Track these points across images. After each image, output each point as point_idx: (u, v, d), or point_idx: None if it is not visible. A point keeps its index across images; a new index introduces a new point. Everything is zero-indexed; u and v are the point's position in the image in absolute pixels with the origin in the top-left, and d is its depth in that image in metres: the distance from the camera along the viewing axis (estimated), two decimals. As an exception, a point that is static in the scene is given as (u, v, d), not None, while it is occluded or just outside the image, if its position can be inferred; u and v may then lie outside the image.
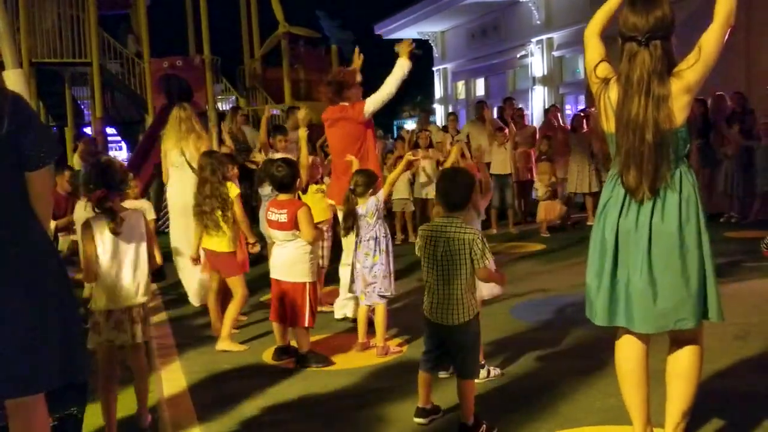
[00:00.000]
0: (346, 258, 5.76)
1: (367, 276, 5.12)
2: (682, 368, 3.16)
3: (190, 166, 6.61)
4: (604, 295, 3.11)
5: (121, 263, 3.69)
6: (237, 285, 5.46)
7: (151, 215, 6.20)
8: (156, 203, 10.15)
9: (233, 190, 5.51)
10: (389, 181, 5.41)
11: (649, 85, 2.98)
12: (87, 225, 3.73)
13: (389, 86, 5.79)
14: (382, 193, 5.29)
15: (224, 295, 5.70)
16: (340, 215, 5.68)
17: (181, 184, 6.69)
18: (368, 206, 5.15)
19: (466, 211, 3.78)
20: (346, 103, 5.88)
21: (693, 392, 3.17)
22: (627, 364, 3.20)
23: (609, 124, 3.13)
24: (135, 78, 15.55)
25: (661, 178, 2.99)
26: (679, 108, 2.99)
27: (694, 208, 3.02)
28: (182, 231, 6.60)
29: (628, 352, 3.19)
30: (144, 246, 3.75)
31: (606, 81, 3.13)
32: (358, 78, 6.01)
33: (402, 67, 5.79)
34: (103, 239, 3.67)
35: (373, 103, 5.78)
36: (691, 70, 2.98)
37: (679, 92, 2.98)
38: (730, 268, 7.09)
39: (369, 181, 5.18)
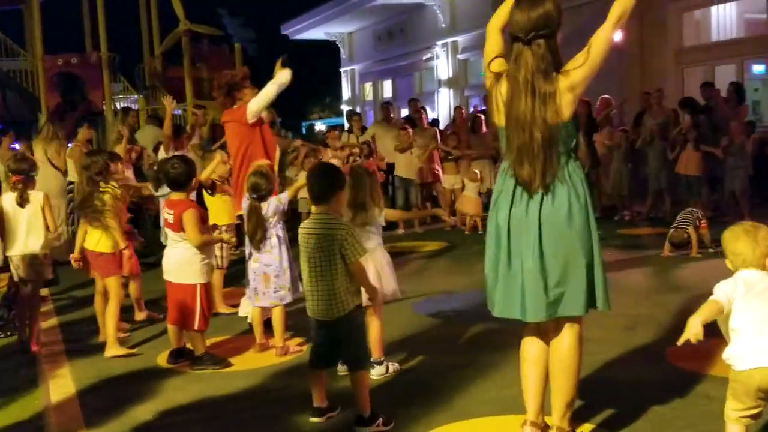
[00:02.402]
0: None
1: (270, 275, 5.02)
2: (563, 359, 3.21)
3: (51, 164, 8.71)
4: (501, 286, 3.16)
5: (21, 226, 5.28)
6: (113, 286, 5.29)
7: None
8: None
9: (110, 193, 5.30)
10: (296, 186, 5.37)
11: (533, 84, 3.04)
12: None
13: (270, 90, 5.77)
14: (286, 195, 5.21)
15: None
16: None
17: (41, 178, 8.20)
18: (270, 208, 5.05)
19: (335, 205, 3.81)
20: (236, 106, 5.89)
21: (575, 382, 3.23)
22: (530, 352, 3.27)
23: (500, 118, 3.19)
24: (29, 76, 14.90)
25: (551, 171, 3.07)
26: (566, 104, 3.07)
27: (582, 200, 3.11)
28: None
29: (533, 340, 3.26)
30: (40, 215, 5.30)
31: (498, 76, 3.19)
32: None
33: (282, 74, 5.80)
34: (11, 208, 5.27)
35: (256, 104, 5.75)
36: (578, 69, 3.05)
37: (565, 89, 3.06)
38: (621, 263, 7.36)
39: (269, 181, 5.08)
